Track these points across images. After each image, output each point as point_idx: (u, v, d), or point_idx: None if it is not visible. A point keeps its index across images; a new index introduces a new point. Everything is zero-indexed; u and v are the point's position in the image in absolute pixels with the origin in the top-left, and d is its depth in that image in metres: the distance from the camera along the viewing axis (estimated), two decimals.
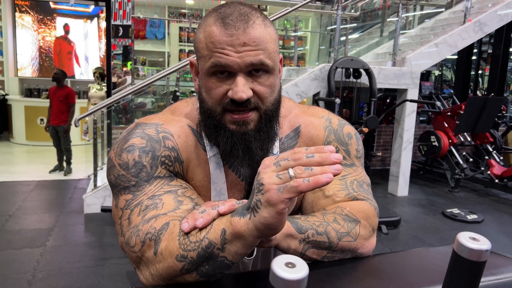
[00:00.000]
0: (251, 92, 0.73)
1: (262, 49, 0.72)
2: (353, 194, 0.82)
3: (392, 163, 4.81)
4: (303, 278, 0.38)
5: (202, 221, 0.61)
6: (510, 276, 0.63)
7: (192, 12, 7.96)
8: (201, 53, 0.75)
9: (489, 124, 5.08)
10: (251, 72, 0.73)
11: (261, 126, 0.77)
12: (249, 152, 0.77)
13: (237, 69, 0.72)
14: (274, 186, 0.53)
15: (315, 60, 7.66)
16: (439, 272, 0.62)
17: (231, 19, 0.71)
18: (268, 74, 0.75)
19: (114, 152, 0.79)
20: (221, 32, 0.71)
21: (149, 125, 0.81)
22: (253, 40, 0.71)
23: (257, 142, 0.77)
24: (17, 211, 3.78)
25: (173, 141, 0.80)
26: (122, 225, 0.73)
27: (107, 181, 0.80)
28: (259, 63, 0.72)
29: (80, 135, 6.60)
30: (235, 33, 0.70)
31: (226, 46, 0.71)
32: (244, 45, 0.71)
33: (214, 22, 0.73)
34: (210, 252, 0.59)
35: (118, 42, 5.08)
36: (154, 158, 0.77)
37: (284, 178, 0.53)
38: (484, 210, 4.31)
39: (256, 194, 0.55)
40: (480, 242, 0.46)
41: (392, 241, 3.42)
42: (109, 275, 2.65)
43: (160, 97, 6.20)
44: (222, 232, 0.58)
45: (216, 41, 0.71)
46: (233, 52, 0.71)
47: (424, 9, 6.49)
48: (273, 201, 0.53)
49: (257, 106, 0.75)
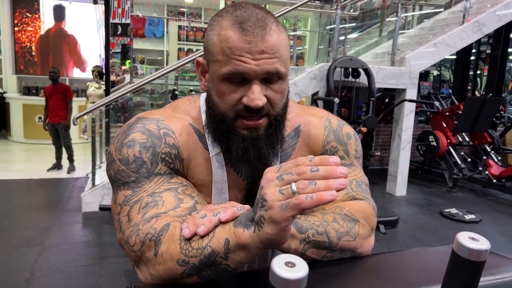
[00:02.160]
0: (265, 99, 0.73)
1: (277, 57, 0.72)
2: (352, 194, 0.83)
3: (391, 163, 4.82)
4: (303, 278, 0.38)
5: (203, 229, 0.60)
6: (509, 276, 0.64)
7: (191, 11, 7.96)
8: (215, 57, 0.74)
9: (487, 124, 5.09)
10: (265, 79, 0.73)
11: (271, 132, 0.78)
12: (260, 158, 0.78)
13: (253, 76, 0.72)
14: (277, 203, 0.52)
15: (314, 60, 7.67)
16: (438, 272, 0.62)
17: (249, 25, 0.71)
18: (281, 81, 0.75)
19: (114, 146, 0.78)
20: (239, 39, 0.70)
21: (150, 120, 0.81)
22: (270, 48, 0.71)
23: (267, 147, 0.78)
24: (15, 210, 3.78)
25: (174, 138, 0.80)
26: (121, 222, 0.73)
27: (107, 176, 0.79)
28: (275, 72, 0.72)
29: (78, 133, 6.59)
30: (253, 40, 0.70)
31: (244, 53, 0.70)
32: (262, 53, 0.70)
33: (230, 26, 0.71)
34: (213, 260, 0.59)
35: (116, 41, 5.06)
36: (155, 154, 0.76)
37: (287, 194, 0.53)
38: (482, 210, 4.32)
39: (260, 209, 0.55)
40: (480, 242, 0.46)
41: (390, 241, 3.43)
42: (107, 274, 2.64)
43: (158, 95, 6.19)
44: (226, 242, 0.58)
45: (234, 47, 0.70)
46: (251, 59, 0.70)
47: (423, 9, 6.50)
48: (276, 219, 0.53)
49: (268, 112, 0.76)
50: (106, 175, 0.80)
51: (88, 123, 5.35)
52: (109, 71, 5.01)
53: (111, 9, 4.86)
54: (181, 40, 7.61)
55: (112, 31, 4.93)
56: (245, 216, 0.59)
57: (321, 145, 0.89)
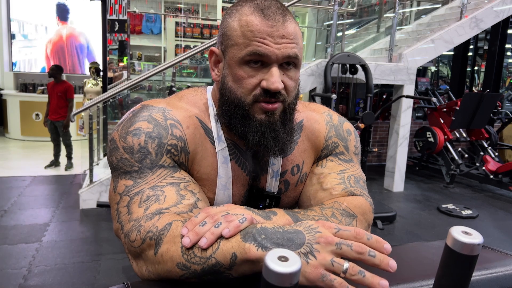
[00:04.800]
0: (283, 84, 0.75)
1: (296, 43, 0.75)
2: (350, 189, 0.84)
3: (388, 158, 4.83)
4: (296, 272, 0.38)
5: (206, 242, 0.58)
6: (502, 270, 0.64)
7: (188, 7, 7.93)
8: (235, 41, 0.75)
9: (484, 120, 5.10)
10: (282, 65, 0.75)
11: (285, 119, 0.79)
12: (277, 141, 0.78)
13: (274, 60, 0.74)
14: (321, 271, 0.52)
15: (311, 56, 7.66)
16: (432, 266, 0.62)
17: (271, 11, 0.74)
18: (296, 68, 0.78)
19: (119, 133, 0.76)
20: (261, 22, 0.73)
21: (156, 108, 0.79)
22: (290, 34, 0.74)
23: (284, 132, 0.79)
24: (13, 207, 3.77)
25: (181, 130, 0.79)
26: (119, 212, 0.72)
27: (108, 163, 0.78)
28: (294, 56, 0.75)
29: (75, 130, 6.57)
30: (275, 24, 0.73)
31: (266, 36, 0.73)
32: (283, 38, 0.73)
33: (252, 12, 0.74)
34: (216, 270, 0.58)
35: (114, 37, 5.05)
36: (160, 145, 0.75)
37: (337, 268, 0.53)
38: (479, 205, 4.34)
39: (300, 253, 0.54)
40: (472, 236, 0.46)
41: (388, 236, 3.44)
42: (104, 271, 2.65)
43: (156, 92, 6.18)
44: (233, 256, 0.57)
45: (256, 30, 0.73)
46: (273, 43, 0.73)
47: (421, 5, 6.49)
48: (310, 280, 0.53)
49: (284, 98, 0.77)
50: (107, 163, 0.78)
51: (85, 120, 5.33)
52: (106, 67, 4.99)
53: (108, 5, 4.84)
54: (178, 37, 7.58)
55: (109, 28, 4.91)
56: (258, 231, 0.57)
57: (323, 140, 0.90)
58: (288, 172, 0.88)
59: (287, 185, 0.89)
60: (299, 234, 0.56)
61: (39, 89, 7.12)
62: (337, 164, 0.89)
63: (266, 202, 0.88)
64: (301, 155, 0.89)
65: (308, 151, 0.90)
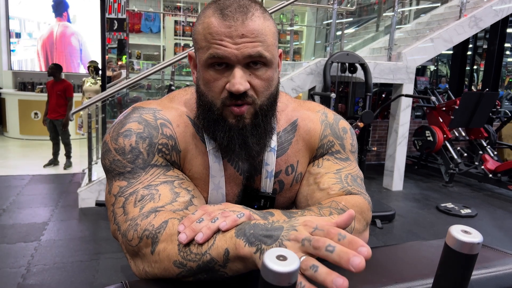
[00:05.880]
0: (248, 85, 0.72)
1: (260, 41, 0.71)
2: (348, 188, 0.83)
3: (387, 157, 4.83)
4: (294, 271, 0.38)
5: (202, 237, 0.58)
6: (501, 269, 0.64)
7: (187, 6, 7.91)
8: (199, 44, 0.74)
9: (483, 119, 5.11)
10: (249, 65, 0.72)
11: (257, 122, 0.76)
12: (246, 147, 0.77)
13: (234, 61, 0.71)
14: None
15: (311, 55, 7.66)
16: (432, 265, 0.62)
17: (230, 10, 0.71)
18: (266, 67, 0.74)
19: (110, 136, 0.77)
20: (219, 23, 0.71)
21: (147, 109, 0.80)
22: (251, 32, 0.70)
23: (253, 137, 0.77)
24: (11, 205, 3.77)
25: (171, 129, 0.79)
26: (115, 213, 0.72)
27: (102, 165, 0.78)
28: (257, 55, 0.71)
29: (74, 129, 6.56)
30: (233, 24, 0.70)
31: (224, 37, 0.70)
32: (242, 37, 0.70)
33: (212, 13, 0.72)
34: (211, 267, 0.58)
35: (113, 36, 5.04)
36: (151, 145, 0.75)
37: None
38: (478, 204, 4.35)
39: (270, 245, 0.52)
40: (472, 235, 0.46)
41: (387, 235, 3.44)
42: (103, 270, 2.64)
43: (155, 91, 6.18)
44: (225, 252, 0.56)
45: (214, 32, 0.71)
46: (231, 43, 0.70)
47: (420, 3, 6.49)
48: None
49: (254, 100, 0.74)
50: (102, 166, 0.79)
51: (84, 119, 5.31)
52: (105, 66, 4.98)
53: (106, 4, 4.83)
54: (177, 35, 7.57)
55: (108, 26, 4.90)
56: (249, 227, 0.56)
57: (318, 139, 0.89)
58: (282, 172, 0.87)
59: (281, 185, 0.88)
60: (279, 230, 0.54)
61: (38, 87, 7.10)
62: (334, 163, 0.88)
63: (261, 203, 0.87)
64: (295, 155, 0.88)
65: (302, 151, 0.89)
